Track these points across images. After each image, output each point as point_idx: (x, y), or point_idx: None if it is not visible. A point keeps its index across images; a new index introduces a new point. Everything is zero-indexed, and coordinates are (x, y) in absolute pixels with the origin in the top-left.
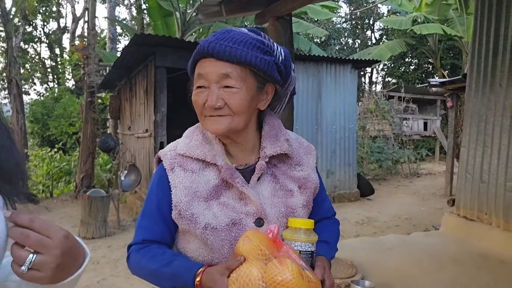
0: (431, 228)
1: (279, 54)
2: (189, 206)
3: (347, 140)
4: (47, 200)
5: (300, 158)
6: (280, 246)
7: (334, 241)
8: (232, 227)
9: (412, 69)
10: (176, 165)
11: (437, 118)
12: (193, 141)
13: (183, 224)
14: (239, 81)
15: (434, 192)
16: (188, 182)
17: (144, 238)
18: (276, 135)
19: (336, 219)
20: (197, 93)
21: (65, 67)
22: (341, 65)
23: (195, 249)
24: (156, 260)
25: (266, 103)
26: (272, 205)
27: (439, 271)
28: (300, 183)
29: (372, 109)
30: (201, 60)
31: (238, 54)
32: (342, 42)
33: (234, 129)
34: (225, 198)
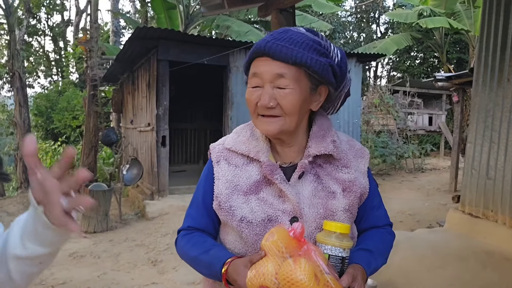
0: (435, 224)
1: (335, 55)
2: (228, 198)
3: (351, 135)
4: None
5: (348, 161)
6: (302, 245)
7: (380, 251)
8: (268, 223)
9: (417, 63)
10: (222, 158)
11: (443, 113)
12: (241, 136)
13: (222, 215)
14: (293, 82)
15: (439, 188)
16: (231, 175)
17: (190, 225)
18: (324, 136)
19: (391, 230)
20: (250, 92)
21: (69, 60)
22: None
23: (232, 241)
24: (197, 248)
25: (319, 104)
26: (311, 205)
27: (443, 268)
28: (345, 186)
29: (377, 103)
30: (256, 59)
31: (294, 55)
32: (347, 36)
33: (285, 131)
34: (265, 194)
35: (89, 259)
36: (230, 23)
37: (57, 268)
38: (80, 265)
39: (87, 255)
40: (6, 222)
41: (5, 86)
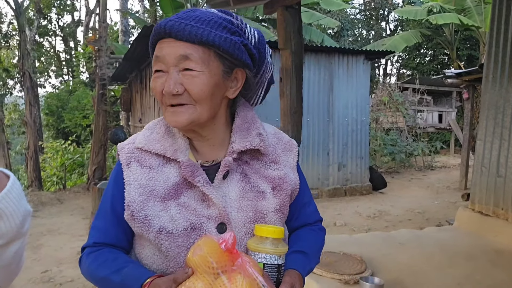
0: (445, 222)
1: (252, 36)
2: (143, 206)
3: (359, 133)
4: (60, 192)
5: (277, 155)
6: (235, 258)
7: (313, 252)
8: (191, 232)
9: (427, 60)
10: (133, 160)
11: (453, 110)
12: (154, 133)
13: (135, 227)
14: (201, 63)
15: (449, 186)
16: (144, 179)
17: (95, 240)
18: (248, 129)
19: (322, 226)
20: (155, 79)
21: (79, 60)
22: (354, 56)
23: (150, 256)
24: (106, 266)
25: (236, 91)
26: (239, 208)
27: (452, 267)
28: (275, 184)
29: (386, 101)
30: (160, 41)
31: (200, 33)
32: (356, 33)
33: (196, 121)
34: (186, 199)
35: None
36: None
37: (66, 266)
38: None
39: None
40: None
41: (16, 86)
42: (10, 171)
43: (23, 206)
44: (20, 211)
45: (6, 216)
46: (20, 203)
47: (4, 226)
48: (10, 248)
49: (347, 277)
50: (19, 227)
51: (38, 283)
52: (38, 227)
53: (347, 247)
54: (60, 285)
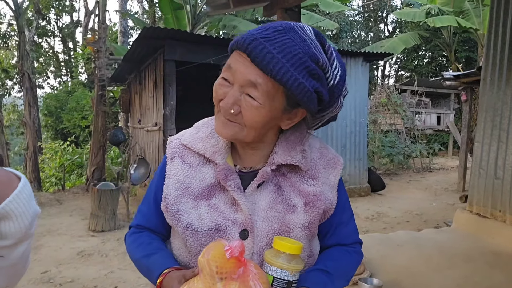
0: (443, 224)
1: (332, 78)
2: (176, 201)
3: (357, 134)
4: (59, 193)
5: (317, 171)
6: (239, 266)
7: (340, 273)
8: (215, 233)
9: (425, 62)
10: (177, 155)
11: (451, 112)
12: (200, 133)
13: (168, 218)
14: (265, 97)
15: (447, 188)
16: (183, 176)
17: (139, 223)
18: (293, 143)
19: (359, 249)
20: (219, 84)
21: (78, 61)
22: (352, 58)
23: (178, 247)
24: (141, 249)
25: (290, 125)
26: (265, 218)
27: (450, 268)
28: (308, 200)
29: (384, 102)
30: (236, 51)
31: (277, 69)
32: (355, 35)
33: (240, 140)
34: (217, 201)
35: (96, 257)
36: (237, 23)
37: (65, 267)
38: (88, 264)
39: (94, 254)
40: None
41: (15, 86)
42: None
43: (32, 207)
44: (30, 212)
45: (16, 217)
46: (29, 204)
47: (13, 226)
48: (18, 248)
49: None
50: (28, 228)
51: (38, 283)
52: (37, 228)
53: None
54: (60, 285)
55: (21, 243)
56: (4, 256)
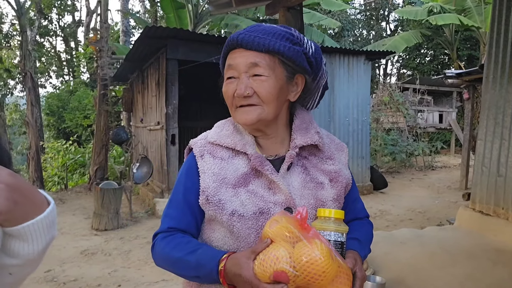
0: (446, 222)
1: (309, 46)
2: (216, 191)
3: (360, 133)
4: (62, 192)
5: (332, 153)
6: (308, 229)
7: (366, 241)
8: (260, 216)
9: (427, 61)
10: (206, 152)
11: (453, 110)
12: (224, 130)
13: (210, 210)
14: (268, 69)
15: (449, 185)
16: (217, 168)
17: (170, 226)
18: (307, 128)
19: (370, 221)
20: (227, 84)
21: (80, 60)
22: (354, 56)
23: (221, 238)
24: (180, 248)
25: (296, 94)
26: (302, 196)
27: (453, 266)
28: (331, 177)
29: (386, 101)
30: (231, 52)
31: (267, 43)
32: (356, 34)
33: (264, 119)
34: (254, 186)
35: (100, 256)
36: (239, 22)
37: (69, 265)
38: (91, 262)
39: (98, 253)
40: None
41: (17, 86)
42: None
43: (51, 233)
44: (47, 238)
45: (32, 240)
46: (49, 230)
47: (27, 248)
48: (27, 269)
49: None
50: (40, 253)
51: (42, 282)
52: None
53: None
54: (63, 284)
55: (31, 265)
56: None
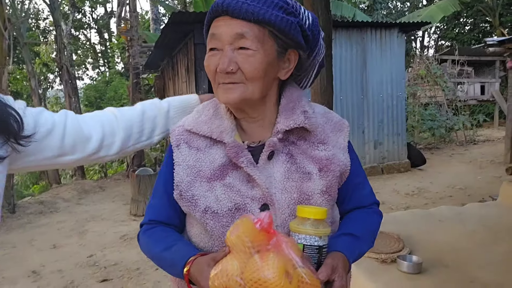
0: (488, 198)
1: (306, 18)
2: (190, 186)
3: (395, 109)
4: (102, 180)
5: (326, 135)
6: (271, 237)
7: (364, 235)
8: (235, 213)
9: (467, 30)
10: (182, 141)
11: (496, 81)
12: (203, 116)
13: (183, 206)
14: (256, 42)
15: (493, 160)
16: (192, 160)
17: (151, 218)
18: (293, 108)
19: (377, 209)
20: (209, 57)
21: (114, 51)
22: (387, 29)
23: (197, 234)
24: (158, 244)
25: (288, 72)
26: (284, 189)
27: (495, 244)
28: (322, 165)
29: (423, 74)
30: (215, 19)
31: (256, 11)
32: (390, 6)
33: (248, 98)
34: (231, 179)
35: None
36: None
37: (109, 250)
38: (130, 247)
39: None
40: (62, 208)
41: (56, 79)
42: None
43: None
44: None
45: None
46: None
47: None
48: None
49: (384, 256)
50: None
51: (85, 267)
52: (83, 214)
53: (385, 226)
54: (104, 268)
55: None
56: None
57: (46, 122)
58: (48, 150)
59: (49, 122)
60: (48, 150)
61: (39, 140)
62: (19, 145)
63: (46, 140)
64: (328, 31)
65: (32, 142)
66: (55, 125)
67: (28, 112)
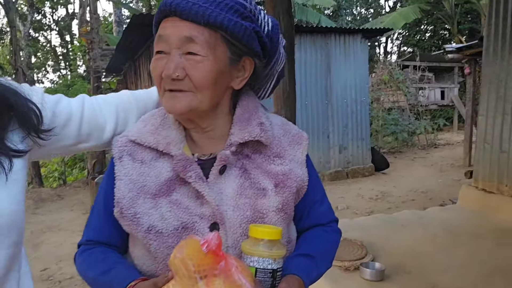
0: (448, 202)
1: (265, 23)
2: (132, 203)
3: (359, 114)
4: (61, 188)
5: (283, 149)
6: (219, 261)
7: (323, 255)
8: (182, 232)
9: (428, 37)
10: (125, 153)
11: (455, 86)
12: (149, 125)
13: (124, 225)
14: (206, 47)
15: (452, 163)
16: (135, 174)
17: (88, 238)
18: (249, 119)
19: (336, 227)
20: (155, 60)
21: (75, 54)
22: (351, 35)
23: (140, 256)
24: (95, 267)
25: (242, 81)
26: (236, 207)
27: (455, 247)
28: (278, 180)
29: (386, 80)
30: (164, 20)
31: (207, 14)
32: (355, 13)
33: (196, 109)
34: (178, 196)
35: None
36: None
37: (65, 263)
38: None
39: None
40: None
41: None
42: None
43: None
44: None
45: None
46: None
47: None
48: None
49: (347, 263)
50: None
51: (37, 281)
52: (38, 224)
53: (348, 232)
54: (59, 282)
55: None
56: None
57: (64, 112)
58: (66, 139)
59: (67, 112)
60: (65, 139)
61: (57, 132)
62: (40, 139)
63: (63, 131)
64: (290, 36)
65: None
66: (72, 114)
67: (47, 102)
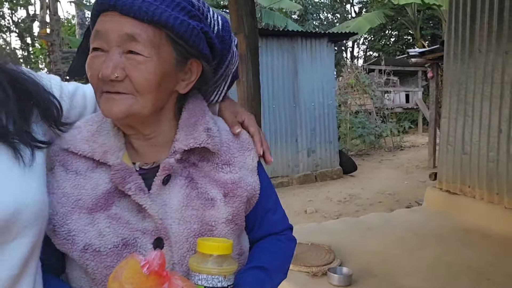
0: (414, 203)
1: (215, 22)
2: (65, 219)
3: (326, 117)
4: None
5: (231, 156)
6: (163, 282)
7: (277, 266)
8: (123, 250)
9: (392, 41)
10: (57, 163)
11: (419, 90)
12: (84, 132)
13: (58, 243)
14: (149, 47)
15: (418, 165)
16: (69, 187)
17: None
18: (195, 124)
19: (291, 235)
20: (91, 58)
21: (37, 57)
22: (317, 39)
23: (77, 278)
24: None
25: (189, 85)
26: (181, 220)
27: (422, 249)
28: (227, 190)
29: (353, 83)
30: (102, 14)
31: (151, 10)
32: (321, 17)
33: (137, 114)
34: (118, 209)
35: None
36: None
37: None
38: None
39: None
40: None
41: None
42: None
43: None
44: None
45: None
46: None
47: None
48: None
49: (315, 269)
50: None
51: None
52: None
53: (316, 237)
54: None
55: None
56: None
57: (79, 105)
58: None
59: (82, 102)
60: None
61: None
62: (60, 131)
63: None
64: (254, 38)
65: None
66: (86, 105)
67: (66, 93)
